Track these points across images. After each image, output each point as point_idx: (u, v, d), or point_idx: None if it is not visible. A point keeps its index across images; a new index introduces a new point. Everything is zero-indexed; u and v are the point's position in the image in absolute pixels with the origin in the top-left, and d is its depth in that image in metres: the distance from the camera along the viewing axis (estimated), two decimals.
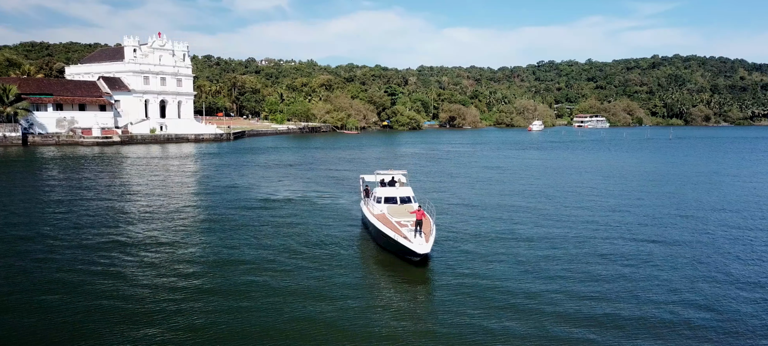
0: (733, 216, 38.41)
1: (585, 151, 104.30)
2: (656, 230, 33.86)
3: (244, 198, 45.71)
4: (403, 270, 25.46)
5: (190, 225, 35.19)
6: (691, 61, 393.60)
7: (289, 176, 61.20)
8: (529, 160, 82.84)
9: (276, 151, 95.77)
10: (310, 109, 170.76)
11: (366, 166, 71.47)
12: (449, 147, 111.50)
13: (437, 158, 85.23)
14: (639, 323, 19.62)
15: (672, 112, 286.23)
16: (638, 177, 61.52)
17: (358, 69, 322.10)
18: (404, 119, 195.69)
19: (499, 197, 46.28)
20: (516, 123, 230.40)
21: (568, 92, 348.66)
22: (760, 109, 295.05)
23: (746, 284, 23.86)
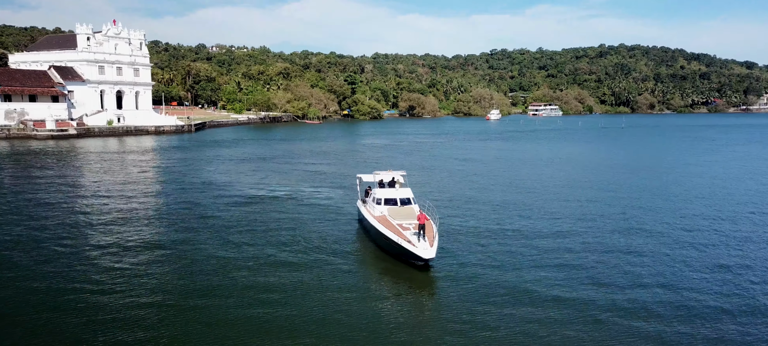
0: (707, 207, 40.96)
1: (550, 141, 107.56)
2: (664, 225, 35.71)
3: (227, 195, 45.09)
4: (406, 274, 25.70)
5: (175, 226, 34.61)
6: (635, 50, 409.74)
7: (266, 170, 60.53)
8: (502, 152, 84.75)
9: (243, 143, 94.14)
10: (270, 98, 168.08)
11: (342, 160, 71.53)
12: (416, 138, 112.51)
13: (409, 151, 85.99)
14: (656, 326, 20.90)
15: (619, 100, 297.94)
16: (613, 169, 63.95)
17: (313, 56, 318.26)
18: (365, 108, 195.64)
19: (483, 191, 47.43)
20: (473, 112, 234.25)
21: (521, 80, 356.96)
22: (699, 97, 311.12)
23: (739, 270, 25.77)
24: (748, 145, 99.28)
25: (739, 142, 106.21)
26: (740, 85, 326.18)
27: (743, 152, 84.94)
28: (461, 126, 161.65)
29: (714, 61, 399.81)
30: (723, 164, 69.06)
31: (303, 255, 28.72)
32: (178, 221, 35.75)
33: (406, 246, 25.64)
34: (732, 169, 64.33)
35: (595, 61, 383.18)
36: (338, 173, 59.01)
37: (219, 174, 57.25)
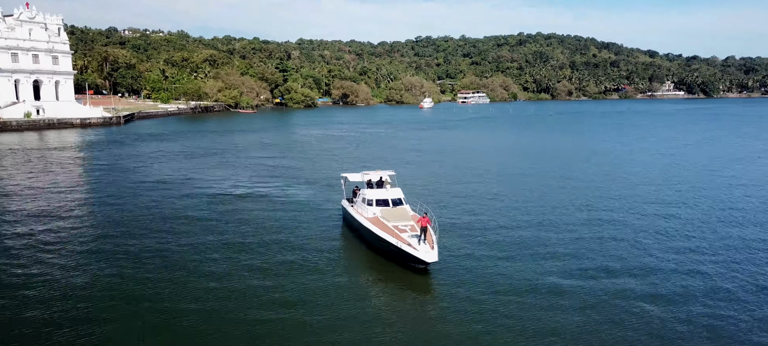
0: (655, 189, 44.00)
1: (493, 130, 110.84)
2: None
3: (188, 195, 43.15)
4: (403, 276, 25.52)
5: (135, 231, 32.76)
6: (551, 39, 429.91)
7: (221, 166, 58.11)
8: (454, 142, 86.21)
9: (183, 136, 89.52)
10: (201, 87, 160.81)
11: (297, 152, 69.94)
12: (360, 128, 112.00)
13: (359, 141, 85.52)
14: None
15: (540, 87, 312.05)
16: (566, 156, 66.94)
17: (236, 42, 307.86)
18: (298, 96, 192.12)
19: (458, 185, 48.09)
20: (405, 100, 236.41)
21: (447, 68, 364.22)
22: (611, 83, 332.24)
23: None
24: (674, 130, 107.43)
25: (665, 127, 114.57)
26: (646, 73, 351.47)
27: (674, 137, 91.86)
28: (397, 115, 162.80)
29: (622, 49, 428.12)
30: (671, 150, 74.36)
31: (288, 257, 28.05)
32: (138, 226, 33.68)
33: (407, 250, 25.37)
34: (681, 154, 69.43)
35: (516, 48, 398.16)
36: (298, 167, 57.81)
37: (171, 171, 54.25)
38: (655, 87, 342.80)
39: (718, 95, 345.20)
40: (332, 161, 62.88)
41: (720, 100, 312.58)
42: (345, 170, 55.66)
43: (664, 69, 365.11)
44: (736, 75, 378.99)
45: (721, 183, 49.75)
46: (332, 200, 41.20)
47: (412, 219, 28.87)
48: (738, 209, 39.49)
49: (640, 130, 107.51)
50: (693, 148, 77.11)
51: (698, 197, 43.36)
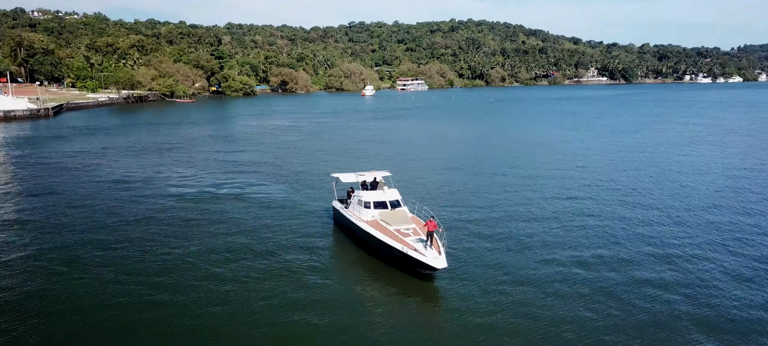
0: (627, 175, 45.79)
1: (442, 119, 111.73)
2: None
3: (152, 197, 40.64)
4: (405, 281, 24.82)
5: (109, 237, 30.54)
6: (482, 25, 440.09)
7: (178, 163, 54.85)
8: (410, 133, 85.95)
9: (125, 129, 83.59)
10: (133, 75, 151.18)
11: (255, 145, 67.05)
12: (308, 117, 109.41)
13: (315, 132, 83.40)
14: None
15: (475, 74, 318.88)
16: (529, 146, 68.24)
17: (161, 26, 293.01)
18: (236, 84, 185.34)
19: (430, 178, 47.70)
20: (346, 87, 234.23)
21: (384, 54, 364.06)
22: (541, 70, 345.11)
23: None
24: (623, 116, 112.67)
25: (607, 115, 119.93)
26: (572, 59, 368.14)
27: (625, 124, 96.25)
28: (341, 103, 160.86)
29: (548, 36, 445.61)
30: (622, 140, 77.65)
31: (278, 263, 26.90)
32: (107, 233, 31.12)
33: (415, 256, 24.42)
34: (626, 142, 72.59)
35: (449, 35, 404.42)
36: (262, 162, 55.56)
37: (126, 170, 50.47)
38: (581, 73, 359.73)
39: (636, 81, 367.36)
40: (295, 156, 60.87)
41: (639, 85, 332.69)
42: (312, 165, 54.31)
43: (588, 56, 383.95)
44: (651, 62, 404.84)
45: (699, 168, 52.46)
46: (312, 199, 39.79)
47: (412, 221, 28.13)
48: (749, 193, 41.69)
49: (582, 118, 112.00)
50: (632, 135, 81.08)
51: (656, 184, 45.36)
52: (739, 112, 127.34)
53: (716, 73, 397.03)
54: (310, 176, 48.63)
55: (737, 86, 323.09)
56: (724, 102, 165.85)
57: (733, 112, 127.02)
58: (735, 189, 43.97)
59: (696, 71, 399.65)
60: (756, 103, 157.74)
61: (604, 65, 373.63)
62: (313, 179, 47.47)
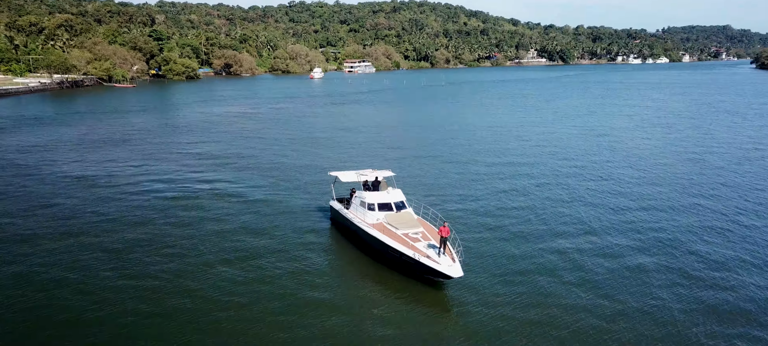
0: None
1: (401, 103, 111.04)
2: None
3: (124, 194, 38.37)
4: (411, 286, 24.05)
5: (81, 242, 28.51)
6: (424, 6, 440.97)
7: (140, 156, 51.55)
8: (374, 119, 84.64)
9: (69, 118, 77.53)
10: (67, 59, 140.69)
11: (220, 135, 63.93)
12: (263, 103, 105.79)
13: (275, 120, 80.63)
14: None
15: (420, 56, 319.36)
16: (503, 132, 68.77)
17: (88, 3, 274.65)
18: (178, 68, 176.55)
19: (415, 168, 47.04)
20: (292, 70, 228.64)
21: (327, 35, 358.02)
22: (483, 51, 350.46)
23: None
24: (571, 99, 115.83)
25: (557, 98, 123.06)
26: (512, 41, 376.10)
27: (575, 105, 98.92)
28: (290, 86, 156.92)
29: (488, 18, 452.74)
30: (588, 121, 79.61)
31: (276, 267, 25.80)
32: (80, 237, 28.68)
33: (428, 263, 23.37)
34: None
35: (391, 16, 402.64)
36: (233, 155, 53.19)
37: (83, 165, 46.91)
38: (521, 55, 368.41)
39: (573, 62, 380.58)
40: (264, 146, 58.60)
41: (576, 66, 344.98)
42: (287, 157, 52.44)
43: (527, 37, 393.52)
44: (586, 43, 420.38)
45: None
46: (297, 196, 38.35)
47: (419, 224, 27.14)
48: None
49: (534, 100, 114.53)
50: (589, 119, 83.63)
51: (642, 174, 46.81)
52: (676, 93, 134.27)
53: (645, 55, 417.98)
54: (288, 170, 46.75)
55: (665, 67, 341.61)
56: (661, 83, 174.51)
57: (671, 93, 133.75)
58: (715, 168, 45.98)
59: (627, 52, 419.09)
60: (687, 85, 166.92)
61: (542, 47, 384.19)
62: (292, 173, 45.66)
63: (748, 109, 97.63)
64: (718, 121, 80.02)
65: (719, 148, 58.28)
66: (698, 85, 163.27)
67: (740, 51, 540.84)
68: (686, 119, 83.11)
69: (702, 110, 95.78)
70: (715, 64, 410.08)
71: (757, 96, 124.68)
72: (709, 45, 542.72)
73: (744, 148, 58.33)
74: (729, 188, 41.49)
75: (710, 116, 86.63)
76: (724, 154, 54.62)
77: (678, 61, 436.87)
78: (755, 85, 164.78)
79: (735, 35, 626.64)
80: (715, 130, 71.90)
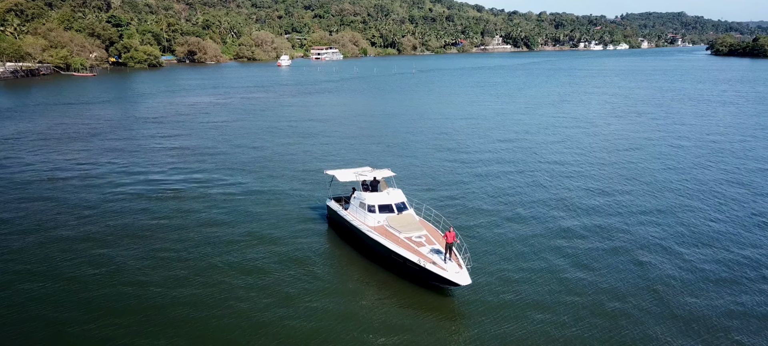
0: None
1: (377, 93, 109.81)
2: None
3: (101, 193, 36.83)
4: (418, 293, 23.28)
5: (62, 243, 27.07)
6: None
7: (114, 151, 49.51)
8: (352, 109, 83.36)
9: (31, 111, 73.46)
10: (20, 46, 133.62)
11: (187, 128, 61.98)
12: (233, 92, 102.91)
13: (249, 111, 78.43)
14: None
15: (387, 42, 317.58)
16: (487, 123, 68.56)
17: None
18: (140, 55, 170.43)
19: (405, 161, 46.34)
20: (258, 57, 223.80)
21: (292, 21, 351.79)
22: (449, 38, 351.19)
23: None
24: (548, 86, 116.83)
25: (529, 86, 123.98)
26: (478, 27, 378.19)
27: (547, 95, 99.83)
28: (258, 74, 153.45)
29: (453, 4, 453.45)
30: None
31: (274, 271, 24.95)
32: (54, 238, 27.00)
33: (434, 270, 22.57)
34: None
35: (357, 1, 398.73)
36: (211, 149, 51.55)
37: (53, 163, 44.58)
38: (487, 41, 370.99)
39: (537, 48, 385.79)
40: (245, 140, 56.92)
41: (541, 53, 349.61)
42: (269, 150, 51.00)
43: (492, 23, 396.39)
44: (549, 29, 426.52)
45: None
46: (291, 194, 37.25)
47: (422, 227, 26.23)
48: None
49: (507, 88, 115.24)
50: (564, 107, 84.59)
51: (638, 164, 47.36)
52: (642, 81, 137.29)
53: (606, 41, 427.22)
54: (273, 165, 45.37)
55: (626, 53, 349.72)
56: (625, 71, 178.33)
57: (637, 81, 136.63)
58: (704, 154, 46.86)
59: (589, 39, 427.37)
60: (650, 72, 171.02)
61: (507, 33, 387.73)
62: (278, 168, 44.31)
63: (711, 95, 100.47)
64: (687, 109, 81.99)
65: (692, 134, 59.56)
66: (662, 72, 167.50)
67: (695, 37, 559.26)
68: (655, 107, 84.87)
69: (668, 98, 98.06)
70: (673, 50, 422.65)
71: (716, 83, 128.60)
72: (665, 31, 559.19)
73: (714, 133, 59.76)
74: (728, 173, 42.36)
75: (677, 104, 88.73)
76: (699, 141, 55.79)
77: (637, 47, 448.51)
78: (712, 72, 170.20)
79: (689, 22, 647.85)
80: (685, 117, 73.65)
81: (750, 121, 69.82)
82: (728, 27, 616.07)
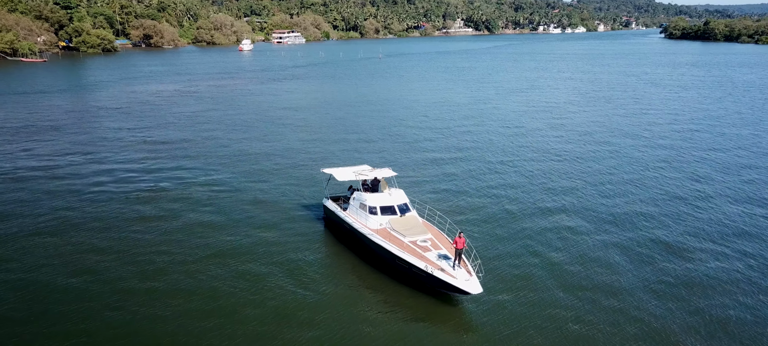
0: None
1: (344, 79, 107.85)
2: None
3: (72, 192, 34.85)
4: (424, 299, 22.43)
5: (44, 243, 24.66)
6: None
7: (82, 145, 46.63)
8: (328, 97, 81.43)
9: None
10: None
11: (156, 120, 59.27)
12: (198, 79, 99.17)
13: (222, 99, 75.61)
14: None
15: (349, 26, 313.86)
16: (469, 111, 68.02)
17: None
18: (93, 39, 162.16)
19: (390, 154, 45.38)
20: (217, 41, 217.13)
21: (250, 3, 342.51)
22: (412, 21, 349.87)
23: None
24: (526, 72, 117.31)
25: (498, 70, 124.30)
26: (439, 10, 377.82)
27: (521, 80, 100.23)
28: (221, 60, 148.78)
29: None
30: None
31: (271, 279, 23.73)
32: (25, 242, 24.99)
33: (442, 277, 21.59)
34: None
35: None
36: (187, 142, 49.41)
37: (13, 160, 41.30)
38: (449, 24, 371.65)
39: (498, 31, 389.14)
40: (219, 131, 54.82)
41: (502, 36, 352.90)
42: (248, 143, 49.05)
43: (453, 6, 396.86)
44: (509, 13, 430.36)
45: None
46: (280, 190, 35.83)
47: (426, 229, 25.24)
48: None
49: (477, 73, 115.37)
50: (537, 93, 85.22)
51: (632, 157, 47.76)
52: (604, 65, 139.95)
53: (564, 24, 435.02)
54: (254, 159, 43.60)
55: (585, 37, 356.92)
56: (587, 55, 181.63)
57: (600, 65, 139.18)
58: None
59: (548, 22, 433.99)
60: (611, 56, 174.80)
61: (469, 16, 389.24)
62: (260, 162, 42.60)
63: (671, 80, 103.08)
64: (652, 93, 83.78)
65: (663, 118, 60.73)
66: (623, 57, 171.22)
67: (647, 20, 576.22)
68: (621, 92, 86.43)
69: (632, 82, 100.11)
70: (628, 33, 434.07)
71: (675, 67, 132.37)
72: (619, 14, 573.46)
73: (684, 118, 61.10)
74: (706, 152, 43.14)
75: (643, 89, 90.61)
76: (670, 125, 56.93)
77: (594, 30, 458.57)
78: (669, 55, 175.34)
79: (641, 5, 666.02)
80: (653, 101, 75.24)
81: (714, 106, 71.79)
82: (678, 10, 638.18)
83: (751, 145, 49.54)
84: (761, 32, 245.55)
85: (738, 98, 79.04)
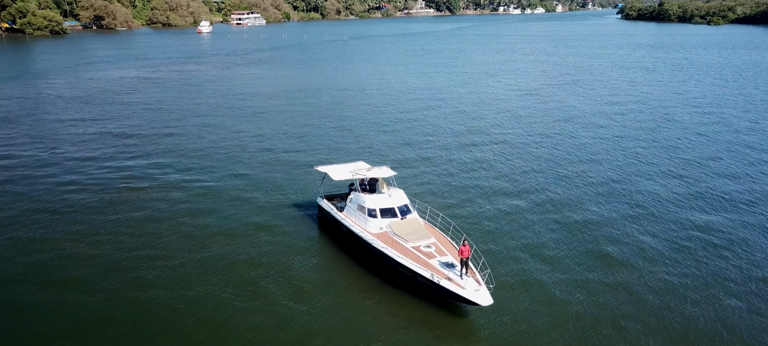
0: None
1: (312, 63, 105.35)
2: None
3: (41, 191, 32.34)
4: (426, 309, 21.22)
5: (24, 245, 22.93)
6: None
7: (44, 140, 43.90)
8: (297, 82, 79.14)
9: None
10: None
11: (118, 110, 56.15)
12: (159, 64, 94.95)
13: (188, 85, 72.44)
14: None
15: (310, 7, 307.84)
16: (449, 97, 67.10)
17: None
18: (40, 21, 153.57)
19: (370, 144, 44.16)
20: (173, 22, 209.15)
21: None
22: (373, 2, 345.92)
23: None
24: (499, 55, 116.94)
25: (466, 52, 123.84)
26: None
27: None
28: (180, 43, 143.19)
29: None
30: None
31: (263, 286, 22.42)
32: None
33: (450, 287, 20.39)
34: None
35: None
36: (159, 135, 47.11)
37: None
38: (410, 5, 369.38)
39: (459, 12, 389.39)
40: (190, 119, 52.56)
41: (464, 17, 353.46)
42: (223, 133, 46.78)
43: None
44: None
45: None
46: (268, 186, 34.21)
47: (429, 234, 24.01)
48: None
49: (446, 56, 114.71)
50: (509, 77, 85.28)
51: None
52: (568, 47, 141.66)
53: (524, 5, 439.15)
54: (234, 152, 41.65)
55: (545, 17, 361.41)
56: (550, 36, 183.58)
57: (563, 47, 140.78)
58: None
59: (508, 3, 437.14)
60: (574, 38, 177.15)
61: None
62: (240, 155, 40.72)
63: (633, 62, 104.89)
64: (619, 76, 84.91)
65: (633, 100, 61.49)
66: (585, 38, 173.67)
67: (603, 1, 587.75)
68: (588, 74, 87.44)
69: (596, 64, 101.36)
70: (586, 13, 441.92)
71: (635, 49, 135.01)
72: None
73: (654, 100, 62.02)
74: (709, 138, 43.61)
75: (610, 71, 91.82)
76: (644, 107, 57.67)
77: (553, 10, 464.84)
78: (628, 36, 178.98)
79: None
80: (621, 84, 76.34)
81: (678, 88, 73.26)
82: None
83: (743, 127, 50.61)
84: (712, 13, 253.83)
85: (700, 80, 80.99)
